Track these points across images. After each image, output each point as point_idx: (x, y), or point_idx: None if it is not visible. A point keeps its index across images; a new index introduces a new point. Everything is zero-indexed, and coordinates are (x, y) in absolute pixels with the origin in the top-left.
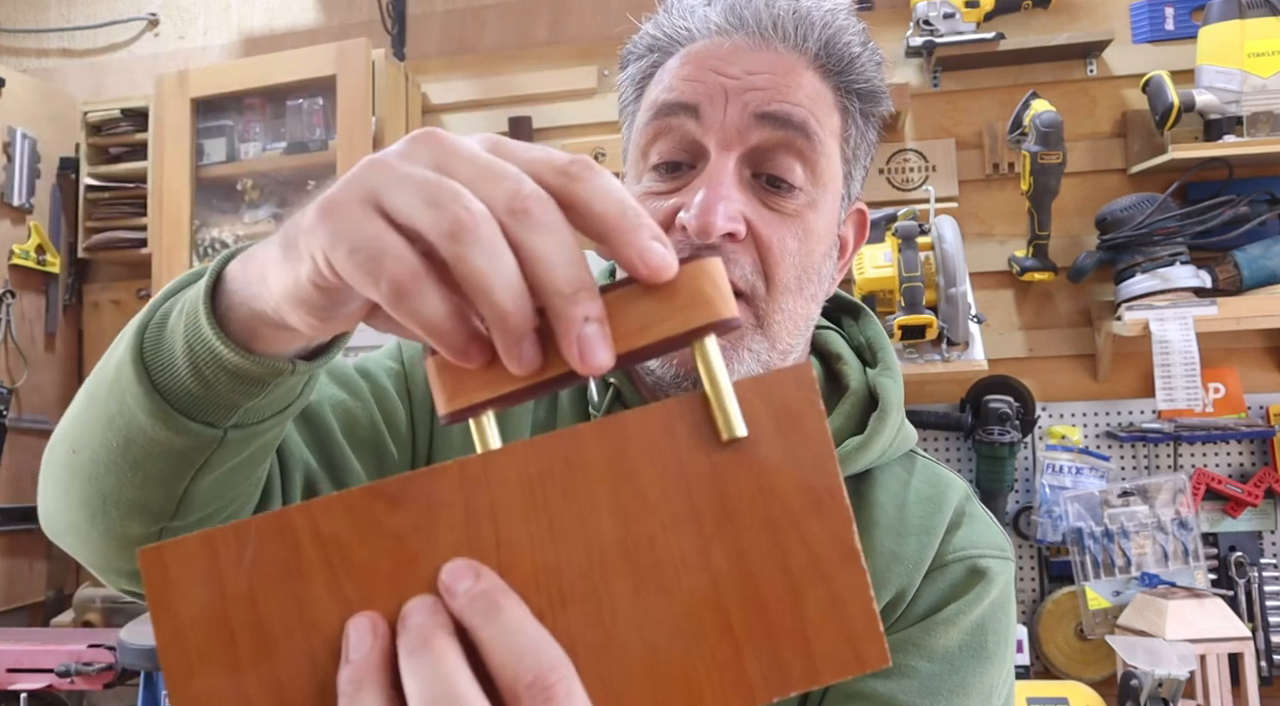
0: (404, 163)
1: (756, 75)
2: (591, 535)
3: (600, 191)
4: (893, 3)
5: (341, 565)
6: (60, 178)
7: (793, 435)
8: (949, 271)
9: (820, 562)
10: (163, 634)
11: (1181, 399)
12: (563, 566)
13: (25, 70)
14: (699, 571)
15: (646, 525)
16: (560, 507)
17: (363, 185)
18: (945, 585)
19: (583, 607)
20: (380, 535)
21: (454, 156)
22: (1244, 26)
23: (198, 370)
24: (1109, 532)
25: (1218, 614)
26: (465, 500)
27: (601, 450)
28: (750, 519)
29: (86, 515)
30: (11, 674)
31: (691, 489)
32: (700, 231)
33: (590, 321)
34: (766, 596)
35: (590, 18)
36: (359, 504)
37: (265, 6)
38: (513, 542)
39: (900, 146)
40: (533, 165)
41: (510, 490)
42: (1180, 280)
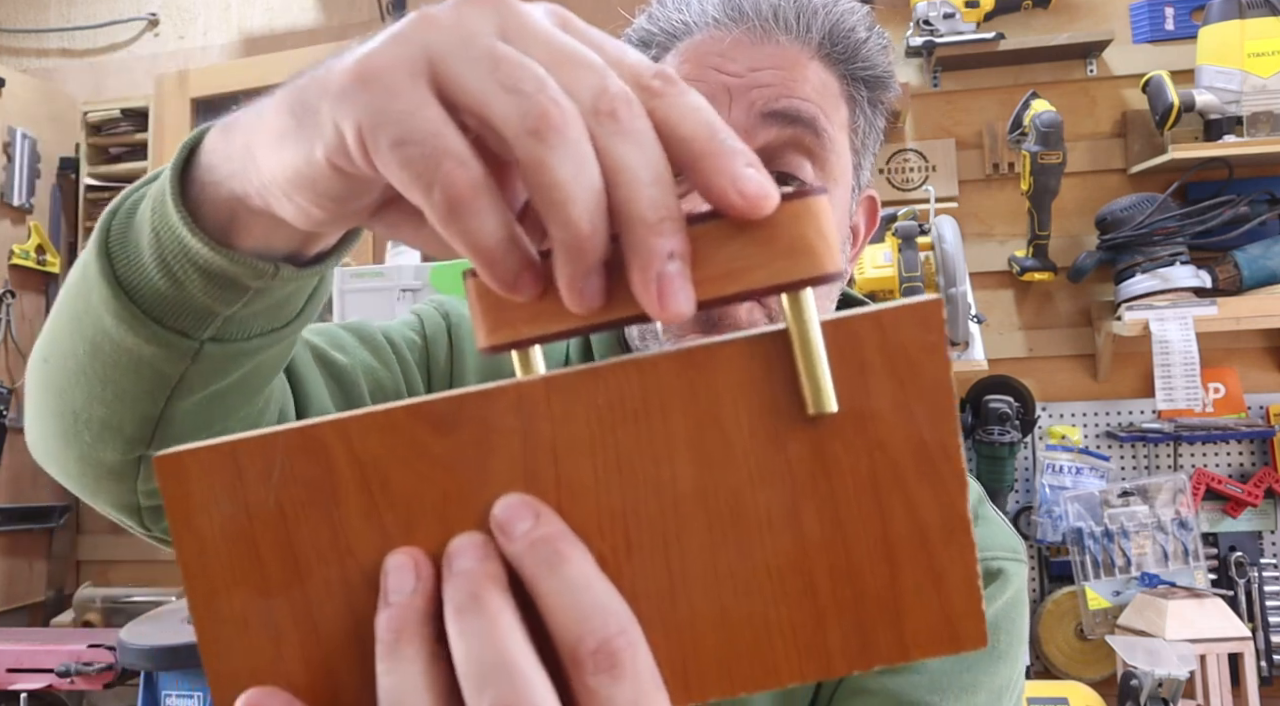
0: (466, 25)
1: (760, 71)
2: (665, 479)
3: (689, 109)
4: (893, 2)
5: (380, 491)
6: (60, 178)
7: (910, 384)
8: (949, 271)
9: (925, 530)
10: (184, 549)
11: (1181, 399)
12: (630, 511)
13: (25, 70)
14: (785, 530)
15: (730, 474)
16: (631, 446)
17: (417, 47)
18: None
19: (649, 558)
20: (425, 461)
21: (524, 29)
22: (1244, 26)
23: (165, 265)
24: (1109, 532)
25: (1218, 614)
26: (524, 428)
27: (684, 384)
28: (850, 477)
29: (60, 436)
30: (11, 674)
31: (785, 437)
32: None
33: (674, 258)
34: (859, 562)
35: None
36: (402, 424)
37: (265, 6)
38: (575, 481)
39: (900, 146)
40: (612, 66)
41: (575, 422)
42: (1180, 280)
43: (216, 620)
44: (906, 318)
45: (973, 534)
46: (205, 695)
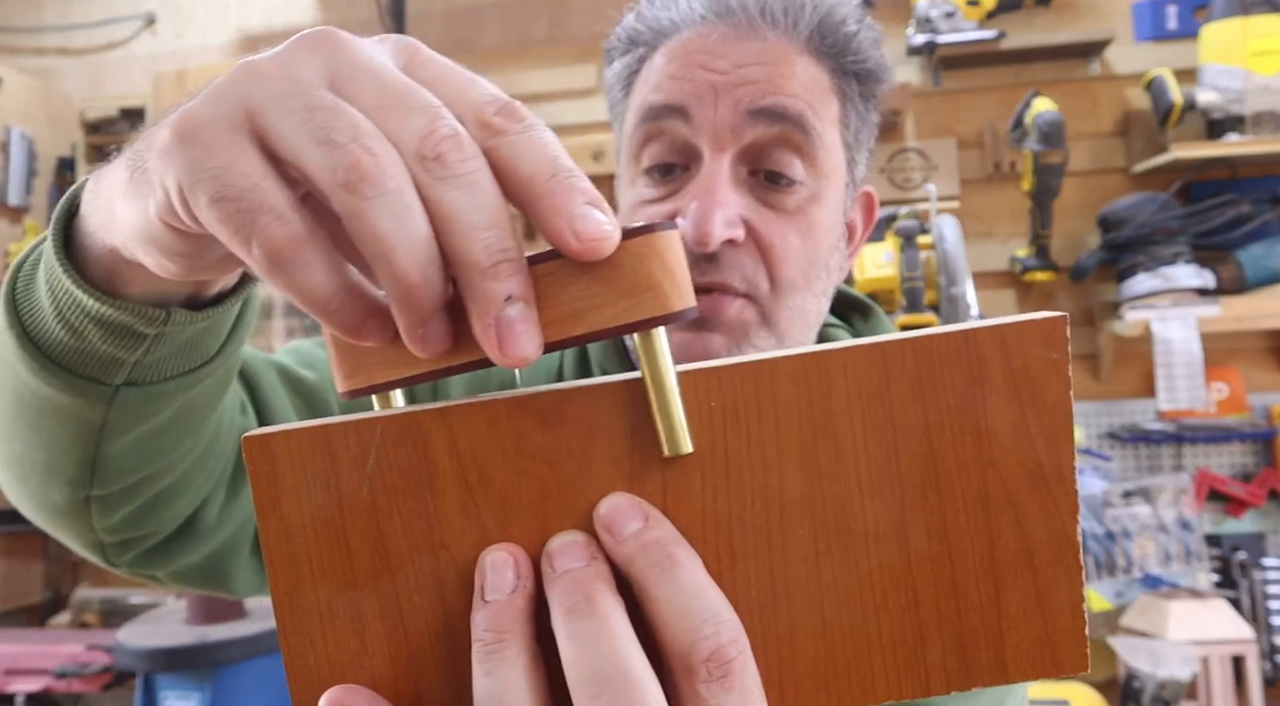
0: (291, 73)
1: (746, 68)
2: (774, 487)
3: (529, 146)
4: (894, 2)
5: (479, 485)
6: (57, 177)
7: (1030, 403)
8: (950, 271)
9: (1033, 551)
10: (270, 535)
11: (1184, 399)
12: (735, 519)
13: (22, 69)
14: (891, 543)
15: (839, 484)
16: (742, 451)
17: (235, 100)
18: None
19: (753, 566)
20: (527, 457)
21: (354, 70)
22: (1247, 24)
23: (62, 317)
24: (1111, 533)
25: (1221, 615)
26: (630, 428)
27: (798, 390)
28: (961, 493)
29: (13, 479)
30: (9, 675)
31: (899, 450)
32: (697, 242)
33: (513, 301)
34: (963, 580)
35: (590, 17)
36: (503, 418)
37: (264, 5)
38: (681, 485)
39: (901, 146)
40: (452, 103)
41: (687, 421)
42: (1182, 280)
43: (299, 611)
44: (1032, 334)
45: (1081, 557)
46: (202, 696)
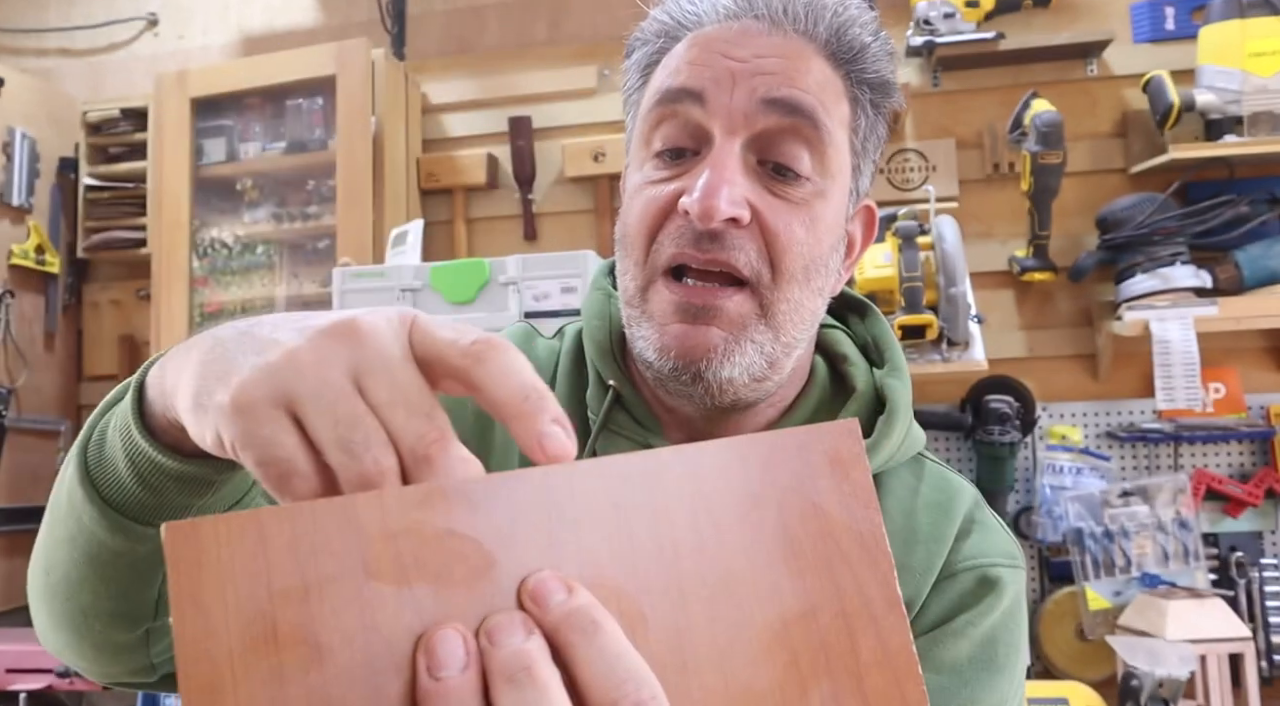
0: (322, 370)
1: (765, 59)
2: (670, 559)
3: (502, 373)
4: (893, 2)
5: (414, 565)
6: (60, 177)
7: (844, 482)
8: (949, 271)
9: (871, 606)
10: (185, 631)
11: (1182, 399)
12: (643, 588)
13: (25, 70)
14: (771, 604)
15: (724, 554)
16: (642, 528)
17: (279, 386)
18: (954, 595)
19: (662, 630)
20: (457, 537)
21: (374, 366)
22: (1245, 26)
23: (143, 480)
24: (1109, 533)
25: (1218, 614)
26: (548, 510)
27: (682, 474)
28: (813, 558)
29: (73, 631)
30: (11, 674)
31: (764, 524)
32: (702, 216)
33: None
34: (827, 633)
35: (590, 18)
36: (436, 501)
37: (264, 6)
38: (596, 560)
39: (900, 146)
40: (440, 350)
41: (596, 505)
42: (1180, 280)
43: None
44: (837, 431)
45: (904, 609)
46: None
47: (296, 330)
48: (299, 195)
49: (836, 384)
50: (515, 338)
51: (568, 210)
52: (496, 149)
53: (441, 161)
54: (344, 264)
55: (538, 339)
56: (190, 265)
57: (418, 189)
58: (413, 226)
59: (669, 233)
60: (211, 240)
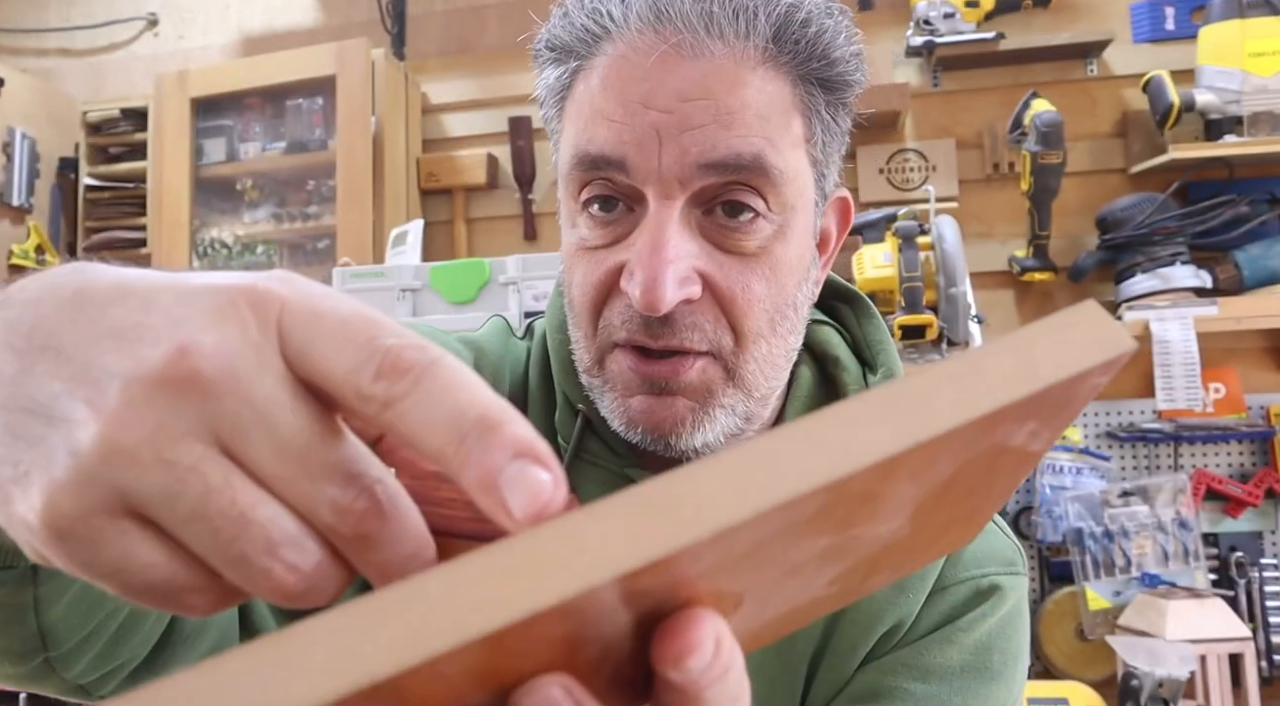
0: (162, 445)
1: (693, 103)
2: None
3: (425, 410)
4: (893, 3)
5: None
6: (60, 178)
7: (1057, 415)
8: (949, 271)
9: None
10: None
11: (1182, 399)
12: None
13: (25, 70)
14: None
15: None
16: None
17: (107, 488)
18: (945, 607)
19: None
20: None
21: (236, 425)
22: (1244, 26)
23: None
24: (1109, 533)
25: (1218, 614)
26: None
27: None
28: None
29: None
30: None
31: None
32: (648, 308)
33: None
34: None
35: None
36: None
37: (265, 6)
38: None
39: (900, 146)
40: (332, 384)
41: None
42: (1180, 280)
43: None
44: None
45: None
46: None
47: (106, 373)
48: (299, 195)
49: (827, 388)
50: (493, 337)
51: None
52: (496, 149)
53: (441, 161)
54: (344, 264)
55: (511, 339)
56: (190, 265)
57: (418, 189)
58: (412, 226)
59: (616, 310)
60: (211, 240)
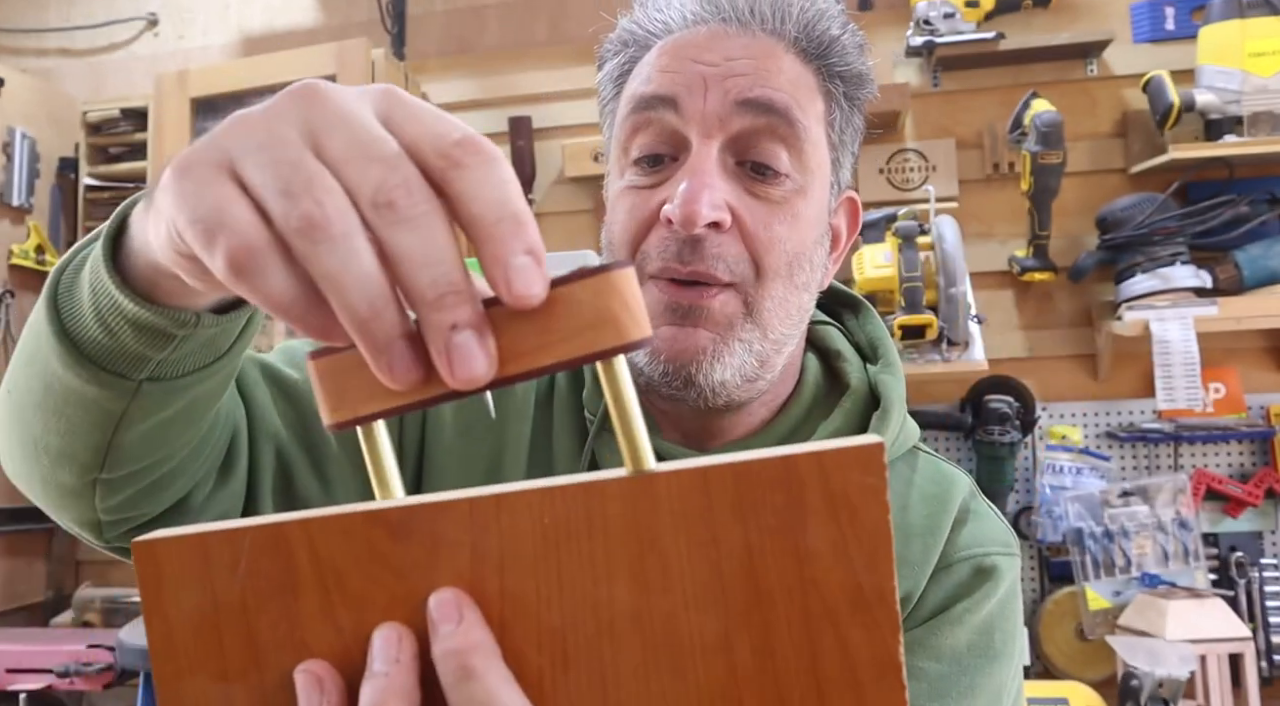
0: (271, 126)
1: (735, 61)
2: (603, 600)
3: (480, 186)
4: (893, 3)
5: (337, 590)
6: (60, 178)
7: (848, 526)
8: (949, 271)
9: (855, 671)
10: (154, 632)
11: (1182, 399)
12: (569, 628)
13: (25, 70)
14: (717, 658)
15: (666, 599)
16: (573, 565)
17: (221, 147)
18: (950, 585)
19: (585, 675)
20: (378, 565)
21: (328, 124)
22: (1244, 26)
23: (101, 318)
24: (1109, 533)
25: (1218, 614)
26: (472, 542)
27: (626, 510)
28: (784, 610)
29: (23, 459)
30: (11, 674)
31: (723, 567)
32: (684, 222)
33: (460, 329)
34: (789, 697)
35: (590, 18)
36: (358, 530)
37: (265, 6)
38: (518, 595)
39: (900, 146)
40: (416, 143)
41: (522, 538)
42: (1180, 280)
43: (178, 700)
44: (850, 460)
45: (904, 677)
46: None
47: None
48: None
49: (831, 381)
50: None
51: (568, 210)
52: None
53: None
54: None
55: None
56: None
57: None
58: None
59: (653, 243)
60: None
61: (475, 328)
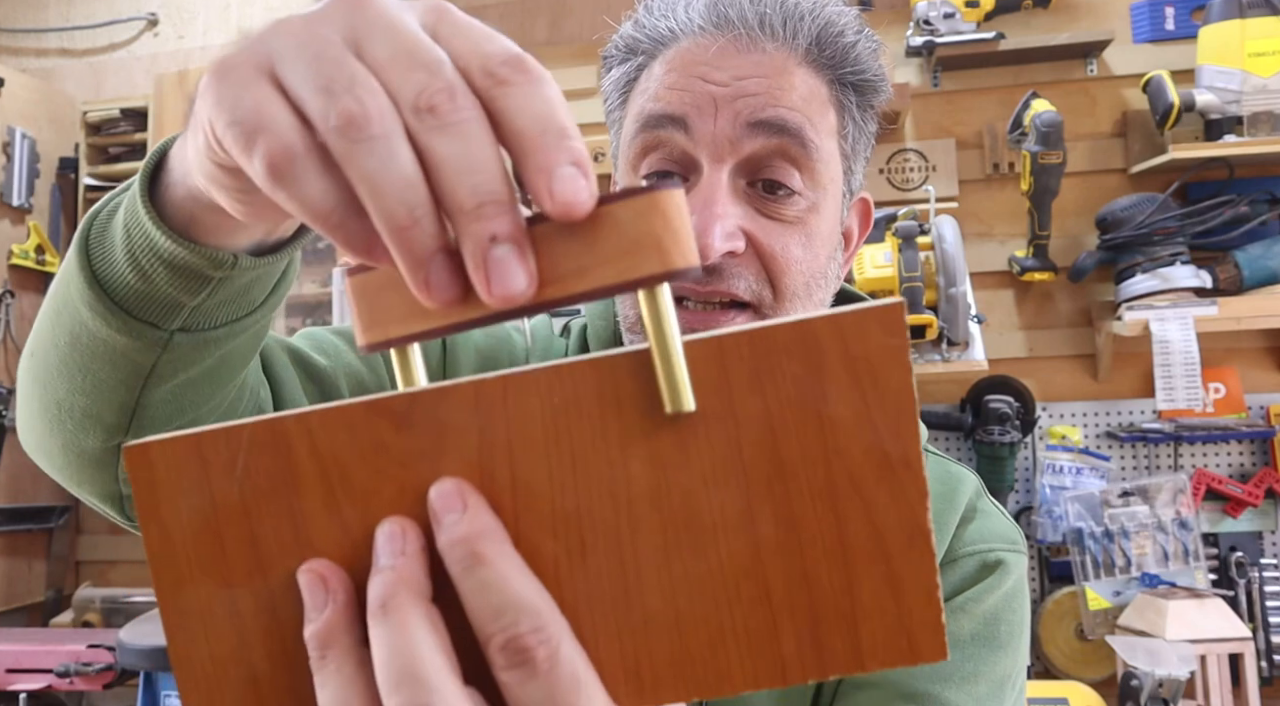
0: (313, 28)
1: (746, 80)
2: (620, 481)
3: (528, 100)
4: (893, 3)
5: (340, 485)
6: (60, 178)
7: (871, 390)
8: (949, 271)
9: (883, 539)
10: (151, 538)
11: (1182, 399)
12: (584, 512)
13: (24, 70)
14: (739, 534)
15: (685, 476)
16: (587, 446)
17: (261, 48)
18: (956, 579)
19: (604, 559)
20: (383, 457)
21: (372, 29)
22: (1244, 26)
23: (134, 259)
24: (1109, 533)
25: (1218, 614)
26: (479, 427)
27: (638, 384)
28: (807, 481)
29: (45, 424)
30: (11, 674)
31: (741, 441)
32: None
33: (499, 242)
34: (814, 569)
35: (590, 18)
36: (360, 421)
37: (265, 6)
38: (530, 481)
39: (900, 146)
40: (462, 58)
41: (531, 421)
42: (1180, 280)
43: (181, 609)
44: (869, 321)
45: (933, 544)
46: None
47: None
48: None
49: None
50: (539, 326)
51: None
52: None
53: None
54: (344, 264)
55: (553, 338)
56: None
57: None
58: None
59: None
60: None
61: (515, 241)
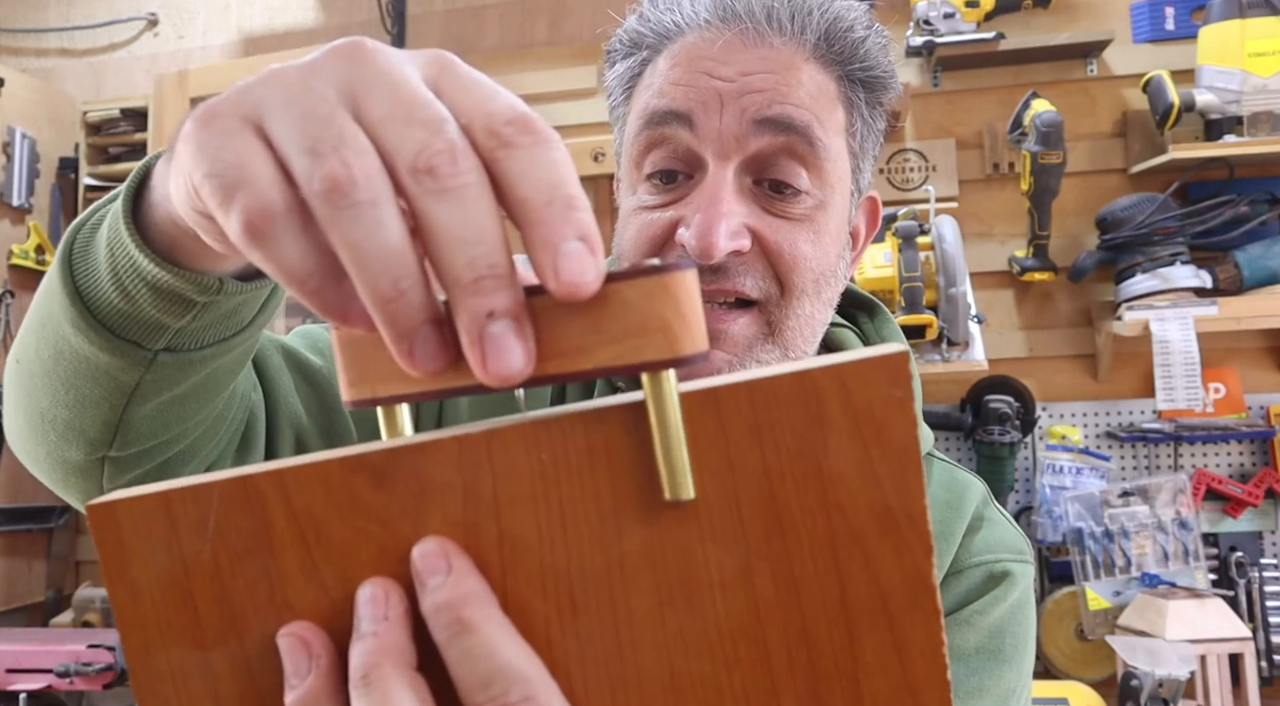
0: (308, 80)
1: (752, 76)
2: (611, 537)
3: (532, 167)
4: (893, 3)
5: (318, 544)
6: (59, 178)
7: (874, 443)
8: (949, 271)
9: (886, 596)
10: (119, 599)
11: (1182, 399)
12: (575, 569)
13: (24, 70)
14: (737, 592)
15: (680, 532)
16: (576, 501)
17: (249, 98)
18: (962, 590)
19: (597, 618)
20: (362, 515)
21: (371, 83)
22: (1244, 26)
23: (118, 279)
24: (1109, 533)
25: (1218, 614)
26: (464, 483)
27: (633, 439)
28: (807, 537)
29: (30, 432)
30: (11, 674)
31: (739, 495)
32: (701, 254)
33: (497, 317)
34: (815, 627)
35: (590, 18)
36: (337, 477)
37: (265, 6)
38: (518, 537)
39: (900, 146)
40: (465, 116)
41: (518, 476)
42: (1180, 280)
43: (153, 673)
44: (872, 371)
45: (939, 602)
46: None
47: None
48: None
49: None
50: None
51: None
52: None
53: None
54: None
55: None
56: None
57: None
58: None
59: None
60: None
61: (514, 317)
